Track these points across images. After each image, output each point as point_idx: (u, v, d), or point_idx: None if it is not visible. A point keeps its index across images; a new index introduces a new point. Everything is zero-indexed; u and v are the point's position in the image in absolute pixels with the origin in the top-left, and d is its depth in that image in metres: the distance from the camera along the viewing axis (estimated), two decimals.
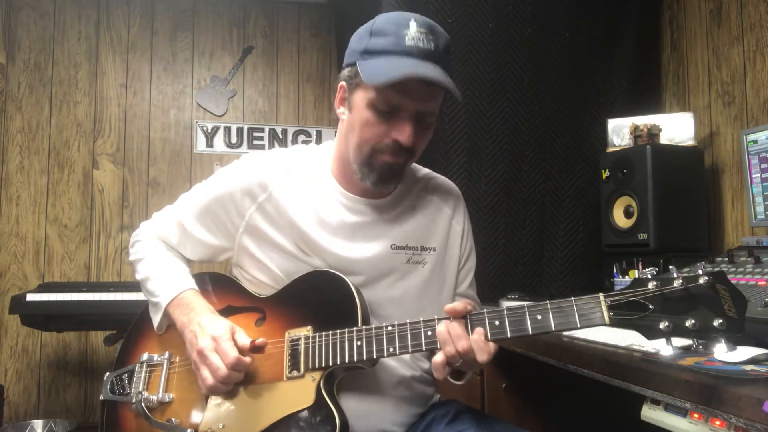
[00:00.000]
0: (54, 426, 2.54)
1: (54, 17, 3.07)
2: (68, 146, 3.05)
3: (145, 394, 1.15)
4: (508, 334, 0.95)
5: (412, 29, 1.02)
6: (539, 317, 0.93)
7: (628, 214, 2.09)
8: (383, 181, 1.12)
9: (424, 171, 1.30)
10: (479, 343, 0.95)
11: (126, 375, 1.21)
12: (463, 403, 1.26)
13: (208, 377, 1.04)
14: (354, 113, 1.10)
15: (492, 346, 0.96)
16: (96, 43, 3.12)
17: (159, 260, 1.24)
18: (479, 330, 0.96)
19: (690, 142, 2.15)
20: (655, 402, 1.10)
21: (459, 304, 0.98)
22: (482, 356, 0.95)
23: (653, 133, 2.11)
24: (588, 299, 0.91)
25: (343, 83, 1.12)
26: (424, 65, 1.01)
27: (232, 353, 1.03)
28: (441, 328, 0.97)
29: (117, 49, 3.14)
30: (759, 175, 1.78)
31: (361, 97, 1.07)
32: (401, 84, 1.00)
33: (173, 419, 1.12)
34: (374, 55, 1.04)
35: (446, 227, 1.24)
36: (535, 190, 2.30)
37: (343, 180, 1.17)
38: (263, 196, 1.15)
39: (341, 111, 1.14)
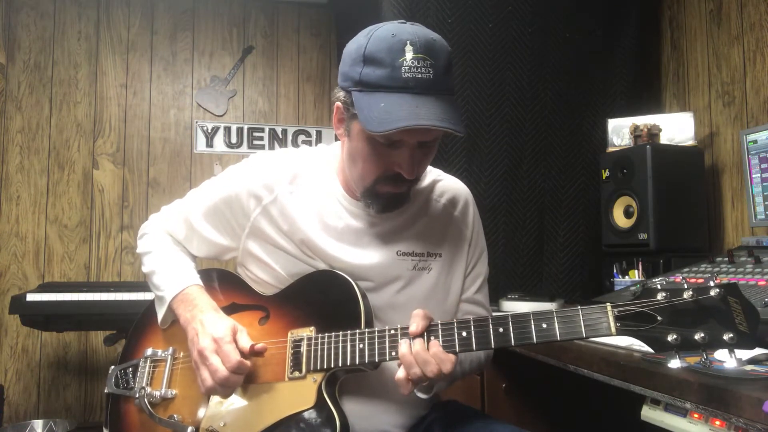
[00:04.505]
0: (54, 426, 2.54)
1: (54, 17, 3.07)
2: (68, 146, 3.05)
3: (148, 389, 1.15)
4: (512, 342, 0.93)
5: (409, 56, 0.95)
6: (545, 326, 0.91)
7: (628, 214, 2.09)
8: (388, 209, 1.11)
9: (432, 173, 1.25)
10: (440, 356, 0.94)
11: (130, 369, 1.22)
12: (463, 404, 1.26)
13: (207, 378, 1.04)
14: (353, 142, 1.06)
15: (452, 355, 0.95)
16: (96, 43, 3.12)
17: (165, 254, 1.24)
18: (435, 342, 0.95)
19: (690, 142, 2.15)
20: (655, 402, 1.10)
21: (420, 323, 0.97)
22: (447, 367, 0.94)
23: (653, 133, 2.11)
24: (595, 309, 0.89)
25: (339, 104, 1.06)
26: (424, 104, 0.96)
27: (234, 356, 1.03)
28: (403, 350, 0.95)
29: (117, 49, 3.14)
30: (759, 175, 1.78)
31: (359, 129, 1.02)
32: None
33: (175, 416, 1.12)
34: (369, 90, 0.98)
35: (454, 233, 1.21)
36: (535, 190, 2.30)
37: (348, 186, 1.15)
38: (269, 198, 1.14)
39: (341, 132, 1.11)
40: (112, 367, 1.25)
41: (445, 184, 1.25)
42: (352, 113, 1.03)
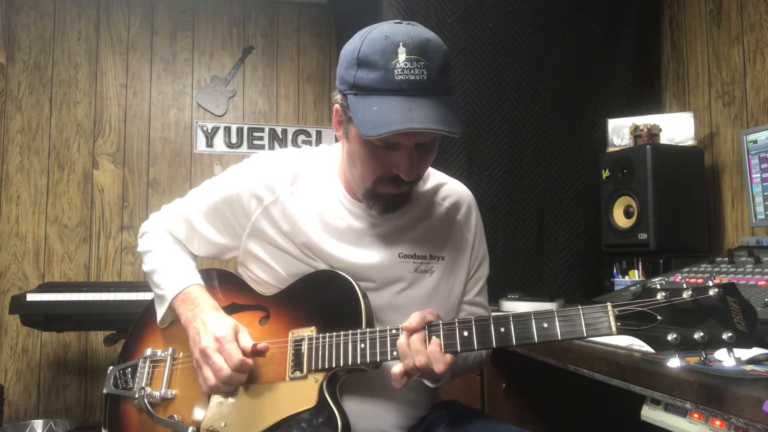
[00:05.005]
0: (54, 426, 2.54)
1: (54, 17, 3.07)
2: (68, 146, 3.05)
3: (148, 389, 1.15)
4: (514, 342, 0.93)
5: (402, 58, 0.95)
6: (545, 325, 0.91)
7: (628, 214, 2.09)
8: (389, 209, 1.11)
9: (436, 176, 1.25)
10: (435, 355, 0.95)
11: (129, 369, 1.21)
12: (463, 404, 1.26)
13: (210, 377, 1.04)
14: (351, 145, 1.07)
15: (448, 356, 0.95)
16: (96, 43, 3.12)
17: (166, 253, 1.24)
18: (435, 341, 0.96)
19: (690, 142, 2.15)
20: (655, 402, 1.11)
21: (417, 319, 0.97)
22: (439, 366, 0.94)
23: (653, 133, 2.12)
24: (595, 308, 0.89)
25: (337, 107, 1.06)
26: (417, 106, 0.95)
27: (237, 355, 1.03)
28: (401, 340, 0.97)
29: (117, 49, 3.14)
30: (759, 175, 1.78)
31: (356, 132, 1.02)
32: None
33: (175, 416, 1.12)
34: (364, 93, 0.98)
35: (456, 236, 1.21)
36: (535, 190, 2.30)
37: (350, 186, 1.15)
38: (270, 199, 1.14)
39: (340, 134, 1.11)
40: (111, 367, 1.24)
41: (448, 187, 1.25)
42: (349, 116, 1.03)
